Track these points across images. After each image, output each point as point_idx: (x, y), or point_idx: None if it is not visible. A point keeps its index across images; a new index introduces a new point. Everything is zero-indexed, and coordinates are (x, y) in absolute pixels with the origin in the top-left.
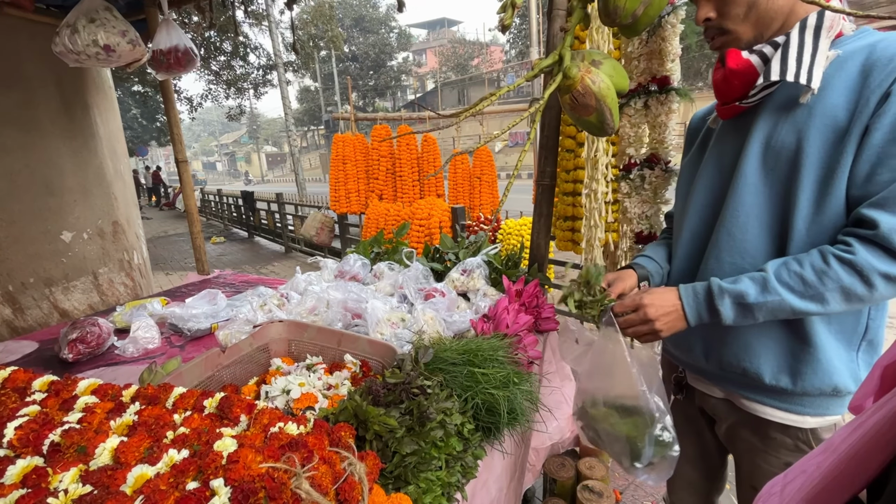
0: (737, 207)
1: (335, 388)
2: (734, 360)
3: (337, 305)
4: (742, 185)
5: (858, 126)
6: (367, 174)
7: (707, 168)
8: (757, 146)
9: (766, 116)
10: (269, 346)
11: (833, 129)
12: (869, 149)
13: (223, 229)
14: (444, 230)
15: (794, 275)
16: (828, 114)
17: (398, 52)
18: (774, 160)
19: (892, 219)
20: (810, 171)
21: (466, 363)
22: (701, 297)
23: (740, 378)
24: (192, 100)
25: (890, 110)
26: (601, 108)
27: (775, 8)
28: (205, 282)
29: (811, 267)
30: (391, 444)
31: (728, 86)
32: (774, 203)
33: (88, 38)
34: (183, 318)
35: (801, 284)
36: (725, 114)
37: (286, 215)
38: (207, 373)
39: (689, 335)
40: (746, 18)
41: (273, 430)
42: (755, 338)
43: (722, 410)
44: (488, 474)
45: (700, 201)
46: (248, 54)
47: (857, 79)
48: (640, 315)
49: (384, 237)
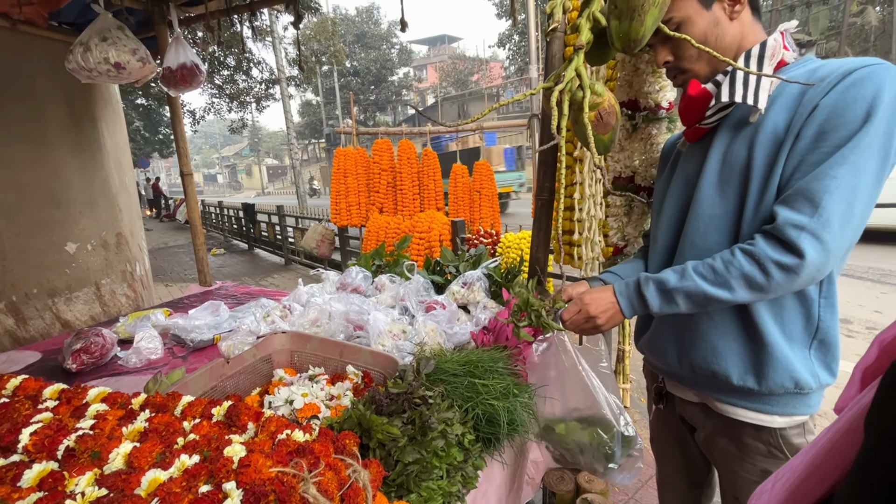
0: (697, 218)
1: (337, 399)
2: (703, 363)
3: (339, 317)
4: (701, 197)
5: (791, 137)
6: (368, 187)
7: (675, 185)
8: (715, 162)
9: (723, 135)
10: (272, 356)
11: (774, 142)
12: (793, 157)
13: (223, 241)
14: (444, 243)
15: (707, 265)
16: (769, 130)
17: (399, 68)
18: (729, 173)
19: (788, 213)
20: (756, 181)
21: (467, 374)
22: (631, 287)
23: (711, 380)
24: (195, 113)
25: (815, 121)
26: (616, 127)
27: (724, 46)
28: (207, 293)
29: (720, 259)
30: (394, 452)
31: (689, 111)
32: (730, 213)
33: (100, 56)
34: (186, 329)
35: (711, 273)
36: (691, 136)
37: (286, 227)
38: (212, 383)
39: (664, 342)
40: (700, 58)
41: (281, 436)
42: (719, 340)
43: (699, 417)
44: (488, 485)
45: (669, 215)
46: (251, 69)
47: (795, 98)
48: (582, 314)
49: (385, 250)
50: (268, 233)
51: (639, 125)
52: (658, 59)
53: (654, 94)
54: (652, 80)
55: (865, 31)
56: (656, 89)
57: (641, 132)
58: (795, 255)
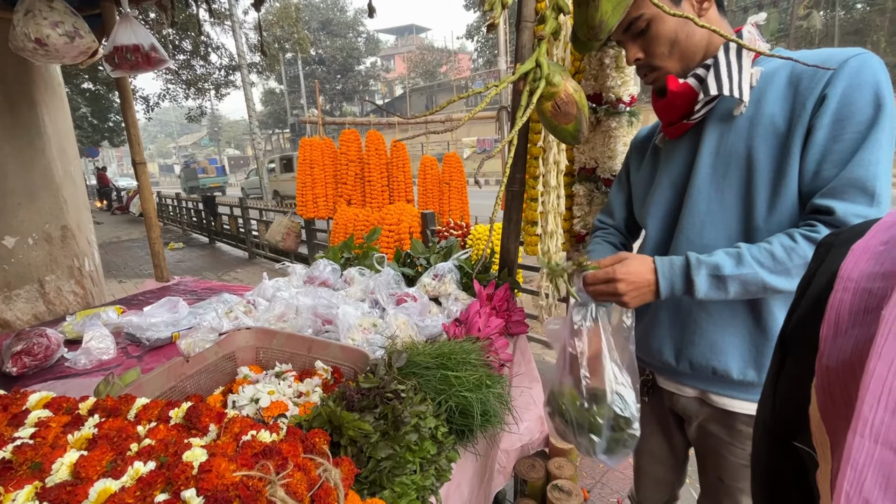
0: (693, 215)
1: (306, 396)
2: (703, 360)
3: (307, 312)
4: (696, 193)
5: (800, 129)
6: (335, 179)
7: (661, 184)
8: (707, 157)
9: (712, 130)
10: (235, 354)
11: (775, 135)
12: (813, 147)
13: (182, 235)
14: (413, 235)
15: (765, 251)
16: (766, 122)
17: (366, 57)
18: (725, 168)
19: (844, 205)
20: (763, 175)
21: (440, 367)
22: (678, 268)
23: (711, 376)
24: (149, 99)
25: (828, 111)
26: (580, 117)
27: (694, 43)
28: (164, 289)
29: (780, 245)
30: (366, 449)
31: (672, 107)
32: (730, 207)
33: (21, 32)
34: (141, 328)
35: (771, 260)
36: (673, 133)
37: (250, 220)
38: (170, 383)
39: (659, 339)
40: (671, 55)
41: (245, 438)
42: (720, 337)
43: (693, 408)
44: (461, 476)
45: (658, 215)
46: (209, 54)
47: (786, 89)
48: (610, 288)
49: (354, 242)
50: (230, 226)
51: (601, 118)
52: (628, 56)
53: (617, 89)
54: (615, 75)
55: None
56: (618, 84)
57: (603, 125)
58: None
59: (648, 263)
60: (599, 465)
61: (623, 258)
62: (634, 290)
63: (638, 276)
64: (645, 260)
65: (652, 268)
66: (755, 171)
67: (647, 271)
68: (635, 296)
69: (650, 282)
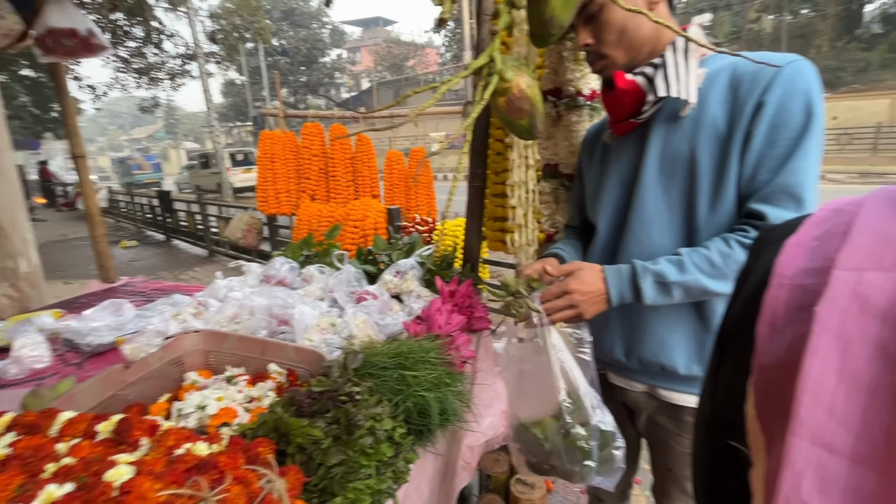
0: (641, 213)
1: (258, 401)
2: (652, 356)
3: (261, 312)
4: (643, 192)
5: (740, 133)
6: (298, 174)
7: (610, 181)
8: (654, 157)
9: (658, 130)
10: (183, 358)
11: (716, 138)
12: (751, 153)
13: (136, 232)
14: (379, 232)
15: (704, 257)
16: (709, 124)
17: (331, 49)
18: (671, 168)
19: (776, 210)
20: (705, 176)
21: (397, 366)
22: (625, 276)
23: (659, 372)
24: (96, 88)
25: (765, 117)
26: (534, 112)
27: (642, 35)
28: (109, 291)
29: (717, 251)
30: (316, 456)
31: (619, 104)
32: (675, 206)
33: None
34: (80, 333)
35: (709, 266)
36: (620, 130)
37: (209, 216)
38: (108, 392)
39: (610, 338)
40: (619, 44)
41: (179, 451)
42: (668, 334)
43: (642, 402)
44: (421, 477)
45: (607, 212)
46: (162, 42)
47: (727, 91)
48: (565, 301)
49: (314, 239)
50: (187, 222)
51: (562, 113)
52: (578, 40)
53: (576, 82)
54: (574, 68)
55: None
56: (577, 76)
57: (564, 119)
58: None
59: (598, 273)
60: None
61: (574, 269)
62: (588, 300)
63: (590, 285)
64: (594, 269)
65: (602, 277)
66: (698, 173)
67: (598, 280)
68: (590, 305)
69: (602, 291)
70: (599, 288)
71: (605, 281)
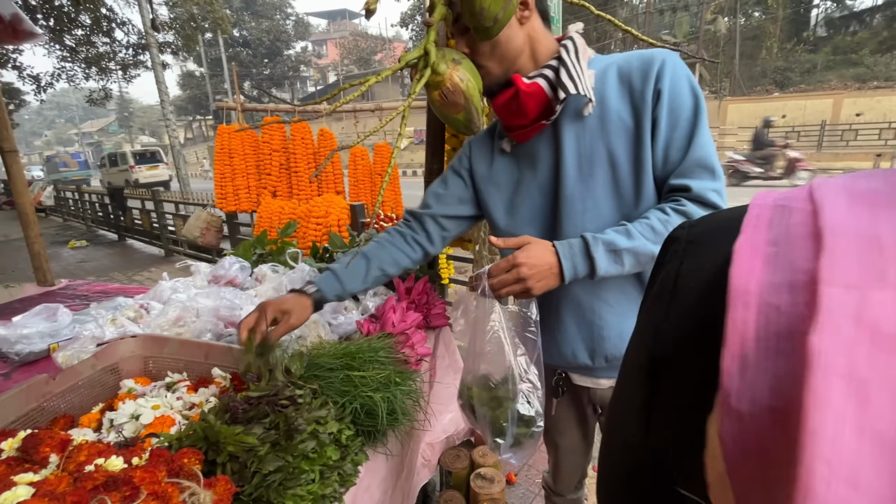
0: (572, 216)
1: (198, 408)
2: (616, 350)
3: (208, 314)
4: (570, 195)
5: (646, 122)
6: (258, 169)
7: (527, 190)
8: (571, 157)
9: (568, 130)
10: (118, 365)
11: (626, 131)
12: (660, 137)
13: (85, 231)
14: (342, 229)
15: (646, 225)
16: (615, 119)
17: (296, 41)
18: (590, 167)
19: (696, 182)
20: (624, 168)
21: (344, 367)
22: (576, 248)
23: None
24: (40, 79)
25: (664, 104)
26: (469, 107)
27: (514, 47)
28: (46, 295)
29: (657, 218)
30: (250, 464)
31: (523, 108)
32: (602, 203)
33: None
34: (8, 340)
35: (651, 233)
36: (523, 137)
37: (165, 214)
38: (31, 404)
39: (571, 344)
40: (492, 56)
41: (89, 468)
42: (626, 325)
43: (608, 396)
44: (371, 478)
45: (534, 221)
46: (113, 30)
47: (621, 87)
48: (512, 275)
49: (268, 237)
50: (142, 221)
51: None
52: (456, 49)
53: None
54: None
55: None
56: None
57: None
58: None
59: (549, 247)
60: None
61: (523, 243)
62: (537, 273)
63: (539, 258)
64: (545, 244)
65: (553, 250)
66: (618, 167)
67: (548, 254)
68: (539, 280)
69: (552, 264)
70: (550, 262)
71: (556, 254)
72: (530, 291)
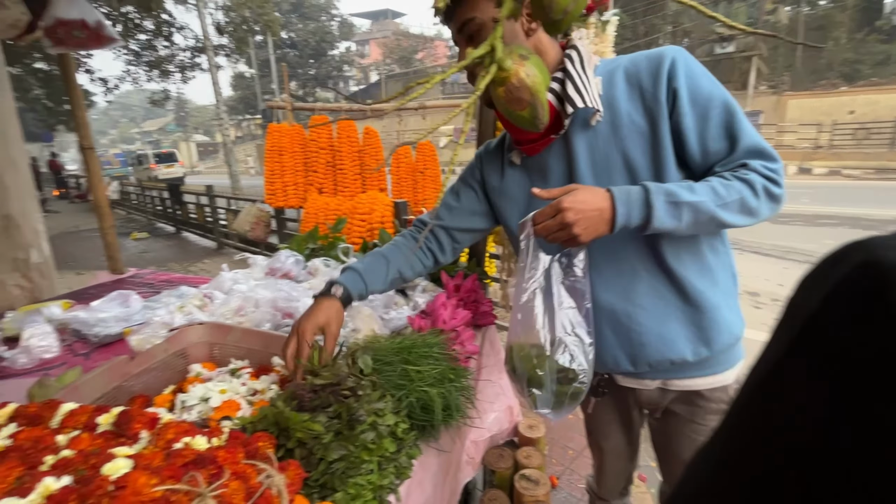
0: None
1: (261, 394)
2: (659, 356)
3: (266, 305)
4: None
5: (664, 124)
6: (306, 166)
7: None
8: (585, 167)
9: (578, 140)
10: (187, 350)
11: (640, 135)
12: (689, 133)
13: (146, 224)
14: (386, 225)
15: (707, 186)
16: (628, 122)
17: (340, 42)
18: (608, 174)
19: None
20: (644, 172)
21: (401, 361)
22: (635, 195)
23: (670, 367)
24: (108, 81)
25: (684, 100)
26: (534, 103)
27: None
28: (118, 282)
29: (718, 181)
30: (317, 450)
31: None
32: None
33: None
34: (88, 323)
35: (713, 194)
36: (534, 150)
37: (218, 209)
38: (113, 383)
39: (611, 353)
40: None
41: (177, 445)
42: (665, 327)
43: (656, 398)
44: (424, 472)
45: None
46: (172, 34)
47: (630, 89)
48: (557, 220)
49: (320, 232)
50: (197, 215)
51: None
52: (459, 56)
53: None
54: None
55: (777, 28)
56: None
57: None
58: (780, 187)
59: (600, 192)
60: (569, 452)
61: (571, 189)
62: (584, 219)
63: (587, 203)
64: (595, 189)
65: (606, 196)
66: (636, 171)
67: (600, 199)
68: (586, 226)
69: (603, 209)
70: (600, 206)
71: (611, 199)
72: (577, 238)
